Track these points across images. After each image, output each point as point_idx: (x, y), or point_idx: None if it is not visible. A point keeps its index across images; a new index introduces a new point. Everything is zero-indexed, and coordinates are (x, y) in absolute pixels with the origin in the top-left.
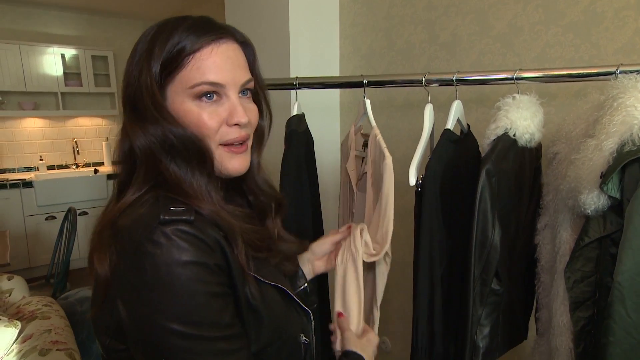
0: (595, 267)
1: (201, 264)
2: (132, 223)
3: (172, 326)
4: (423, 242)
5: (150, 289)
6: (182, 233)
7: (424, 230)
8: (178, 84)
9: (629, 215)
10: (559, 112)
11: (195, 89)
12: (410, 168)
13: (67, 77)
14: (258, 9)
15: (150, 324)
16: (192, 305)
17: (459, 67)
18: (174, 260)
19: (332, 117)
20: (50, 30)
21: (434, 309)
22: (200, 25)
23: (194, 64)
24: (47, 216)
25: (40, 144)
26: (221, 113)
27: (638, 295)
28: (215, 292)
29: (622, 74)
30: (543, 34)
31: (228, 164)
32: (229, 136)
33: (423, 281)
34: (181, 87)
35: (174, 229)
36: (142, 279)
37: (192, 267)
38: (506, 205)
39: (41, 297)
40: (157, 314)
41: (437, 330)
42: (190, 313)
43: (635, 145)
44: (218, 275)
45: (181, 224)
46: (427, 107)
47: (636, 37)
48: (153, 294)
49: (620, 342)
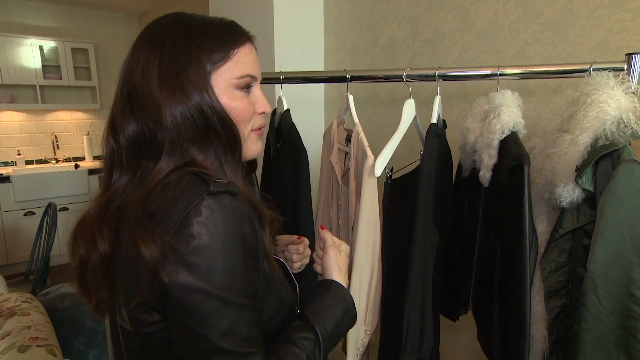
0: (569, 258)
1: (243, 236)
2: (172, 199)
3: (221, 294)
4: (417, 238)
5: (197, 254)
6: (230, 203)
7: (419, 228)
8: (223, 74)
9: (601, 207)
10: (537, 108)
11: (241, 80)
12: (378, 159)
13: (45, 69)
14: (242, 2)
15: (192, 290)
16: (233, 272)
17: (442, 63)
18: (222, 228)
19: (317, 111)
20: (27, 21)
21: (424, 305)
22: (230, 25)
23: (239, 57)
24: (25, 212)
25: (18, 138)
26: (253, 103)
27: (610, 284)
28: (253, 265)
29: (595, 72)
30: (522, 32)
31: (253, 146)
32: (258, 122)
33: (415, 277)
34: (226, 77)
35: (221, 200)
36: (189, 246)
37: (237, 238)
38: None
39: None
40: (201, 279)
41: (428, 325)
42: (236, 282)
43: (608, 140)
44: (254, 248)
45: (228, 195)
46: (407, 102)
47: (609, 36)
48: (200, 259)
49: (592, 329)
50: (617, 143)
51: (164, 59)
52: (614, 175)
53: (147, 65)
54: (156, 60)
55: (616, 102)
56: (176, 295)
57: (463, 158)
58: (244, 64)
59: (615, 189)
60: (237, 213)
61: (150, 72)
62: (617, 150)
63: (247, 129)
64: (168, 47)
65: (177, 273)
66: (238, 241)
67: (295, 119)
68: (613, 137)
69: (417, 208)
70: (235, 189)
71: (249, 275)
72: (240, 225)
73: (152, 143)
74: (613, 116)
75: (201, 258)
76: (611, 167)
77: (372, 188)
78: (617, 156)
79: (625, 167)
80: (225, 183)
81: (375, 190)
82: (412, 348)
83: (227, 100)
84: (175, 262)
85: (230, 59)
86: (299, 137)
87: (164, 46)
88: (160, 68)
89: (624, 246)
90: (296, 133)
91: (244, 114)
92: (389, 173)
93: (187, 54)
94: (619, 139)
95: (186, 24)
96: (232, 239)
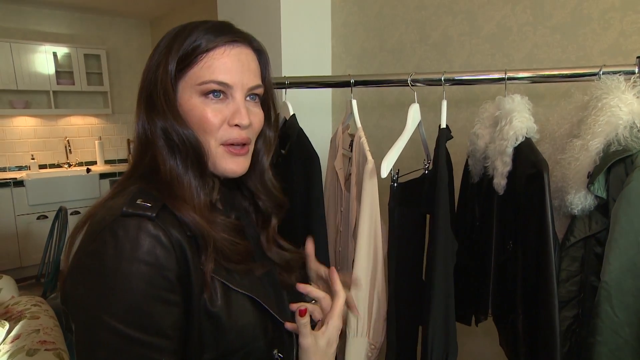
0: (580, 267)
1: (152, 264)
2: (103, 211)
3: (106, 319)
4: (440, 250)
5: (96, 276)
6: (140, 229)
7: (441, 238)
8: (188, 80)
9: (615, 215)
10: (546, 112)
11: (202, 86)
12: (383, 161)
13: (59, 75)
14: (250, 7)
15: (87, 311)
16: (132, 303)
17: (449, 67)
18: (125, 254)
19: (324, 116)
20: (42, 28)
21: (448, 319)
22: (218, 27)
23: (206, 62)
24: (38, 215)
25: (31, 142)
26: (225, 112)
27: (625, 295)
28: (160, 296)
29: (605, 75)
30: (531, 35)
31: (225, 163)
32: (229, 136)
33: (439, 292)
34: (190, 83)
35: (134, 223)
36: (92, 266)
37: (142, 266)
38: None
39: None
40: (96, 304)
41: (452, 339)
42: (127, 310)
43: (620, 145)
44: (167, 279)
45: (143, 219)
46: (412, 106)
47: (621, 39)
48: (98, 282)
49: (607, 342)
50: (631, 148)
51: (148, 74)
52: (628, 181)
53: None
54: (145, 74)
55: (628, 107)
56: (70, 311)
57: (472, 164)
58: (210, 68)
59: (630, 195)
60: (144, 239)
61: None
62: (630, 156)
63: (213, 141)
64: (155, 58)
65: (72, 287)
66: (144, 268)
67: (302, 124)
68: (626, 143)
69: (438, 217)
70: (152, 214)
71: (152, 307)
72: (151, 252)
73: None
74: (625, 121)
75: (90, 278)
76: (625, 173)
77: (372, 192)
78: (631, 162)
79: (639, 174)
80: (145, 206)
81: (375, 195)
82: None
83: (189, 107)
84: (71, 274)
85: (196, 64)
86: (309, 143)
87: (152, 58)
88: (142, 84)
89: (639, 255)
90: (305, 138)
91: (204, 124)
92: (395, 176)
93: (163, 63)
94: (632, 144)
95: (179, 29)
96: (135, 264)
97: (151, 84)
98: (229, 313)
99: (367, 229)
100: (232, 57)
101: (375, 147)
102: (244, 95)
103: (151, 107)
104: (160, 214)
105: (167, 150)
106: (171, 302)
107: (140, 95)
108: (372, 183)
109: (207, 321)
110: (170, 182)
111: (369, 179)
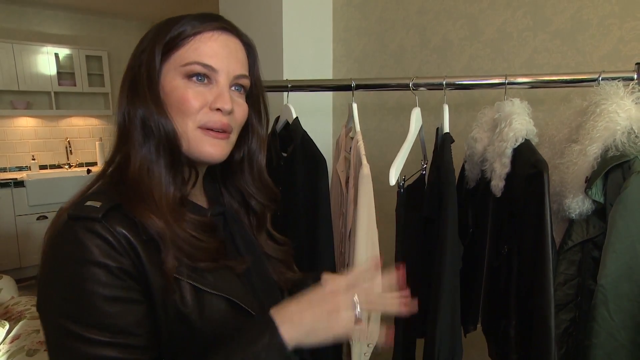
0: (577, 270)
1: (104, 266)
2: (62, 211)
3: (61, 322)
4: (448, 253)
5: (48, 279)
6: (87, 231)
7: (450, 241)
8: (172, 62)
9: (612, 219)
10: (546, 117)
11: (186, 67)
12: (391, 168)
13: (60, 76)
14: (252, 11)
15: (46, 312)
16: (84, 305)
17: (450, 71)
18: (73, 257)
19: (325, 119)
20: (44, 29)
21: (454, 320)
22: (207, 15)
23: (192, 44)
24: (38, 216)
25: (32, 143)
26: (207, 96)
27: (621, 298)
28: (115, 295)
29: (604, 81)
30: (531, 40)
31: (202, 147)
32: (208, 118)
33: (446, 293)
34: (174, 65)
35: (81, 225)
36: (48, 273)
37: (91, 267)
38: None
39: (30, 297)
40: (51, 306)
41: (457, 340)
42: (80, 313)
43: (618, 151)
44: (121, 278)
45: (89, 221)
46: (414, 110)
47: (620, 45)
48: (50, 285)
49: (603, 345)
50: (628, 154)
51: (134, 60)
52: (625, 186)
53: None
54: (131, 61)
55: (626, 112)
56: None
57: (469, 169)
58: (197, 51)
59: (627, 200)
60: (92, 241)
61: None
62: (627, 161)
63: (191, 124)
64: (142, 45)
65: (38, 293)
66: (93, 269)
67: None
68: (624, 148)
69: (447, 221)
70: (98, 215)
71: (106, 307)
72: (99, 253)
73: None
74: (623, 126)
75: (47, 285)
76: (622, 178)
77: (368, 196)
78: (628, 167)
79: (636, 179)
80: (91, 208)
81: (371, 198)
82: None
83: (170, 89)
84: (37, 280)
85: (183, 46)
86: (315, 145)
87: (139, 46)
88: (127, 70)
89: (636, 259)
90: (311, 141)
91: (183, 105)
92: (402, 182)
93: (148, 48)
94: (630, 149)
95: (167, 19)
96: (84, 266)
97: (135, 67)
98: (202, 314)
99: (364, 232)
100: (219, 42)
101: (377, 151)
102: (229, 83)
103: (133, 91)
104: (110, 213)
105: (141, 139)
106: (131, 300)
107: (124, 81)
108: (367, 187)
109: (178, 322)
110: (137, 180)
111: (363, 183)
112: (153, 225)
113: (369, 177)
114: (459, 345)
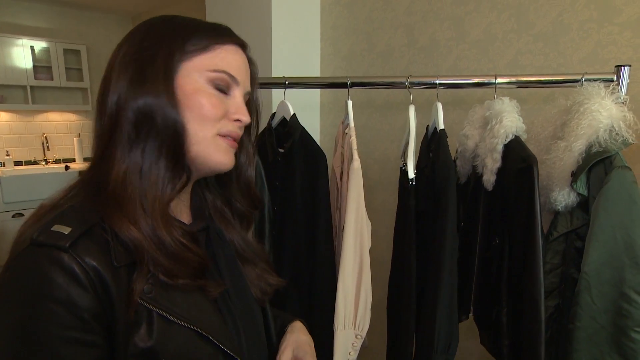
0: (562, 260)
1: (63, 303)
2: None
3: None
4: (448, 244)
5: (3, 315)
6: (51, 262)
7: (449, 233)
8: (198, 63)
9: (595, 211)
10: (529, 115)
11: (215, 74)
12: (408, 163)
13: (37, 70)
14: (240, 8)
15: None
16: (33, 343)
17: (437, 70)
18: (31, 289)
19: (313, 116)
20: (19, 21)
21: (451, 308)
22: (224, 27)
23: (220, 53)
24: (14, 213)
25: (6, 138)
26: (226, 106)
27: (603, 284)
28: (74, 338)
29: (586, 82)
30: (515, 42)
31: (218, 154)
32: (229, 128)
33: (446, 282)
34: (200, 67)
35: (45, 254)
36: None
37: (51, 305)
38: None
39: None
40: (5, 346)
41: (454, 327)
42: (28, 352)
43: (601, 147)
44: (83, 320)
45: (54, 250)
46: (410, 108)
47: (598, 48)
48: (5, 322)
49: (585, 327)
50: (610, 150)
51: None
52: (607, 180)
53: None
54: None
55: (608, 111)
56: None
57: (460, 165)
58: (225, 60)
59: (609, 193)
60: (55, 274)
61: (114, 57)
62: (609, 157)
63: (211, 130)
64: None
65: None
66: (51, 306)
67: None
68: (606, 145)
69: (448, 213)
70: (65, 244)
71: (60, 350)
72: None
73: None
74: (605, 124)
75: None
76: (604, 172)
77: (357, 188)
78: (610, 162)
79: (617, 173)
80: (59, 235)
81: (361, 191)
82: (443, 350)
83: (192, 90)
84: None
85: (210, 51)
86: (314, 141)
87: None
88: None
89: (617, 248)
90: (310, 137)
91: (209, 111)
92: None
93: (167, 42)
94: (612, 146)
95: (173, 17)
96: (41, 302)
97: (146, 59)
98: (165, 347)
99: (353, 224)
100: (241, 58)
101: (364, 147)
102: (243, 97)
103: (140, 80)
104: (80, 241)
105: (133, 133)
106: (87, 343)
107: (121, 67)
108: (358, 180)
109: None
110: (122, 182)
111: (354, 176)
112: (130, 236)
113: (359, 171)
114: (455, 333)
